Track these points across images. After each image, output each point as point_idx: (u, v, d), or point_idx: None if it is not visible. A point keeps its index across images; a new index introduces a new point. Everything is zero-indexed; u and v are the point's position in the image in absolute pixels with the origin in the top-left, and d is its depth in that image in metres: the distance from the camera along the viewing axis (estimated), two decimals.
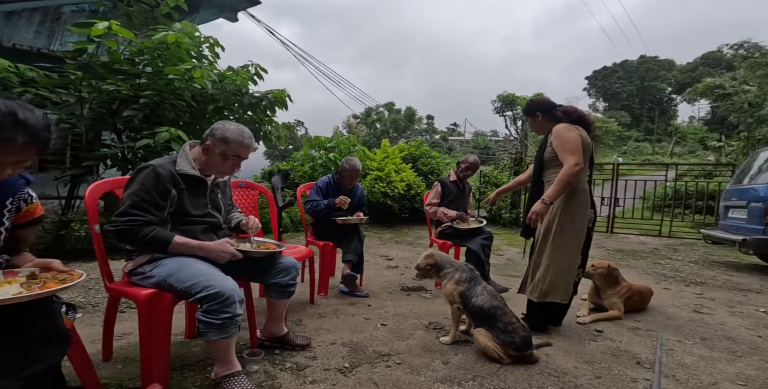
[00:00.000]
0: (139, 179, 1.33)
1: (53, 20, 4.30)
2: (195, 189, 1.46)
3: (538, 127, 2.09)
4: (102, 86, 2.86)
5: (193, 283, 1.26)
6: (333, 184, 2.76)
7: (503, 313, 1.73)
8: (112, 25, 2.74)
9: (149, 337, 1.30)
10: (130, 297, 1.36)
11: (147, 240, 1.30)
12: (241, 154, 1.46)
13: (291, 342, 1.74)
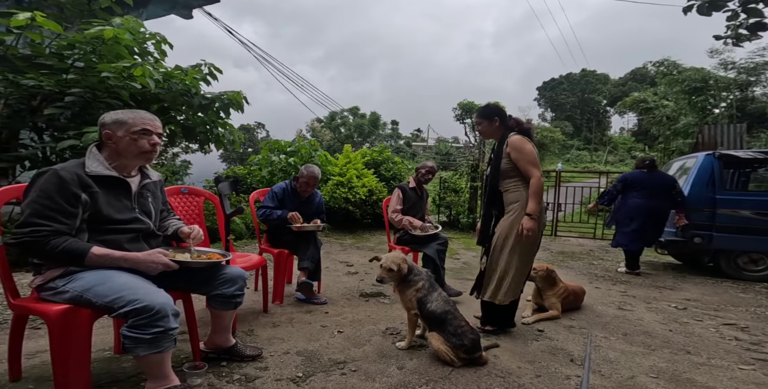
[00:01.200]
0: (38, 185, 1.19)
1: None
2: (115, 191, 1.33)
3: (490, 131, 2.11)
4: (21, 81, 2.54)
5: (116, 297, 1.16)
6: (290, 191, 2.69)
7: (454, 317, 1.79)
8: (36, 16, 2.46)
9: (63, 356, 1.17)
10: (39, 315, 1.23)
11: (57, 252, 1.17)
12: (147, 126, 1.35)
13: (240, 353, 1.66)
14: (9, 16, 2.44)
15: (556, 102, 43.60)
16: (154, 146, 1.37)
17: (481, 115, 2.12)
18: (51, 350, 1.18)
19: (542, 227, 2.06)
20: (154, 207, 1.49)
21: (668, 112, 12.72)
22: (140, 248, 1.36)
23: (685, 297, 3.21)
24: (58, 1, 3.14)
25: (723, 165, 3.94)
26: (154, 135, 1.37)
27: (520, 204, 1.97)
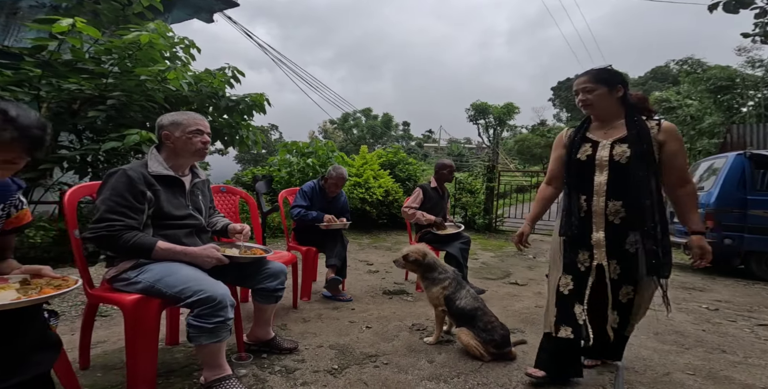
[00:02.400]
0: (111, 184, 1.32)
1: (9, 15, 4.02)
2: (172, 189, 1.46)
3: (606, 104, 1.44)
4: (63, 85, 2.73)
5: (183, 288, 1.26)
6: (318, 190, 2.80)
7: (484, 313, 1.85)
8: (77, 22, 2.63)
9: (135, 343, 1.28)
10: (114, 303, 1.34)
11: (129, 246, 1.28)
12: (199, 126, 1.47)
13: (278, 346, 1.76)
14: (51, 22, 2.62)
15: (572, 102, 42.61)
16: (205, 145, 1.50)
17: (598, 78, 1.44)
18: (125, 338, 1.29)
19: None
20: (203, 205, 1.61)
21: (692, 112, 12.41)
22: (195, 243, 1.47)
23: (715, 299, 3.18)
24: (95, 7, 3.34)
25: (754, 165, 3.88)
26: (204, 134, 1.49)
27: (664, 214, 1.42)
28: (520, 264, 4.48)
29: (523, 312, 2.63)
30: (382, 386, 1.52)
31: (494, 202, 7.41)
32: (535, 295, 3.10)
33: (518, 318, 2.48)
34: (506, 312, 2.57)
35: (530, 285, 3.47)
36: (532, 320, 2.45)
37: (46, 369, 0.93)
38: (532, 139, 23.48)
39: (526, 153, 23.19)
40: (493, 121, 23.80)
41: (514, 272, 4.03)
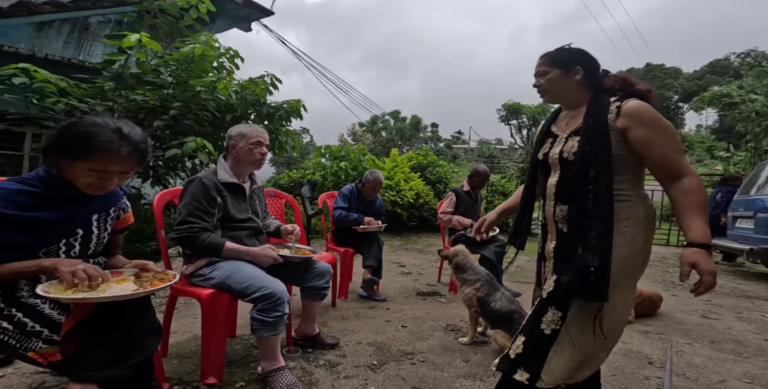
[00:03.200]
0: (190, 190, 1.52)
1: (81, 30, 4.55)
2: (236, 195, 1.65)
3: (562, 89, 1.21)
4: (131, 96, 3.08)
5: (249, 284, 1.43)
6: (356, 193, 2.96)
7: (521, 316, 1.89)
8: (142, 37, 2.96)
9: (209, 333, 1.46)
10: (194, 296, 1.52)
11: (204, 245, 1.48)
12: (260, 139, 1.66)
13: (322, 342, 1.90)
14: (121, 37, 2.98)
15: None
16: (263, 156, 1.69)
17: (553, 60, 1.21)
18: (203, 328, 1.47)
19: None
20: (260, 209, 1.81)
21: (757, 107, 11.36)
22: (254, 243, 1.66)
23: None
24: (153, 21, 3.72)
25: None
26: (264, 146, 1.68)
27: (636, 223, 1.09)
28: None
29: None
30: (420, 382, 1.61)
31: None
32: None
33: None
34: None
35: None
36: None
37: (152, 353, 1.09)
38: None
39: None
40: (526, 122, 23.09)
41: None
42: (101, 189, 1.06)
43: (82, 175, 1.01)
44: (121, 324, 1.02)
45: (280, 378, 1.45)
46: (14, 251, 0.96)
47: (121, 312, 1.02)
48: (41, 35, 4.24)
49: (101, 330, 0.99)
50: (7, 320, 0.94)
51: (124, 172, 1.07)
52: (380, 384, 1.57)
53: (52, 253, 1.05)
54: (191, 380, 1.50)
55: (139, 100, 3.08)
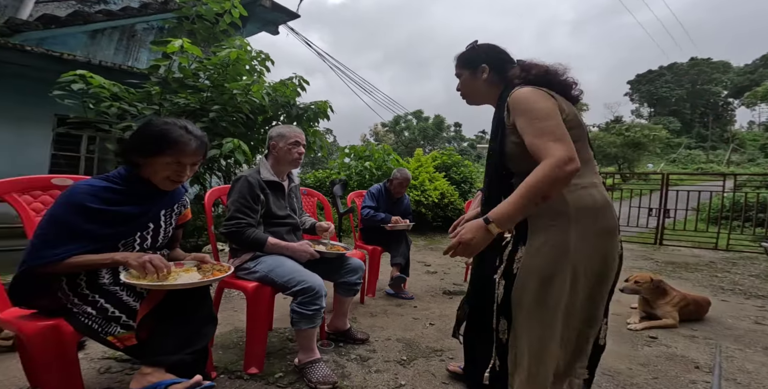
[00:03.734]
0: (237, 188, 1.63)
1: (129, 37, 4.90)
2: (277, 193, 1.75)
3: (474, 89, 1.20)
4: (174, 100, 3.30)
5: (290, 278, 1.51)
6: (384, 192, 3.02)
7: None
8: (184, 42, 3.16)
9: (254, 325, 1.54)
10: (240, 289, 1.61)
11: (249, 240, 1.57)
12: (298, 139, 1.75)
13: (353, 337, 1.96)
14: (165, 43, 3.20)
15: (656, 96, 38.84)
16: (300, 155, 1.78)
17: (461, 61, 1.21)
18: (247, 319, 1.55)
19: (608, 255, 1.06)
20: (297, 206, 1.90)
21: None
22: (292, 239, 1.75)
23: None
24: (192, 26, 3.96)
25: None
26: (301, 146, 1.77)
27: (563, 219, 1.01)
28: None
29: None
30: (449, 378, 1.62)
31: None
32: (613, 303, 2.97)
33: None
34: None
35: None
36: (612, 328, 2.39)
37: (209, 341, 1.19)
38: (605, 137, 21.54)
39: (598, 153, 21.30)
40: None
41: None
42: (177, 181, 1.19)
43: (161, 169, 1.14)
44: (185, 312, 1.12)
45: (317, 370, 1.51)
46: (100, 242, 1.08)
47: (186, 301, 1.12)
48: (95, 43, 4.60)
49: (169, 317, 1.09)
50: (92, 305, 1.05)
51: (194, 163, 1.19)
52: (410, 379, 1.60)
53: (129, 245, 1.16)
54: (235, 369, 1.57)
55: (182, 104, 3.29)
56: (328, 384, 1.46)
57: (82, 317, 1.04)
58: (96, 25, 4.36)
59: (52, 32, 4.04)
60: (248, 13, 4.29)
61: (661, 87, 38.83)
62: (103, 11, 4.51)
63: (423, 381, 1.59)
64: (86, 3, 5.06)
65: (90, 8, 4.97)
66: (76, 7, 4.89)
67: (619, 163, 20.95)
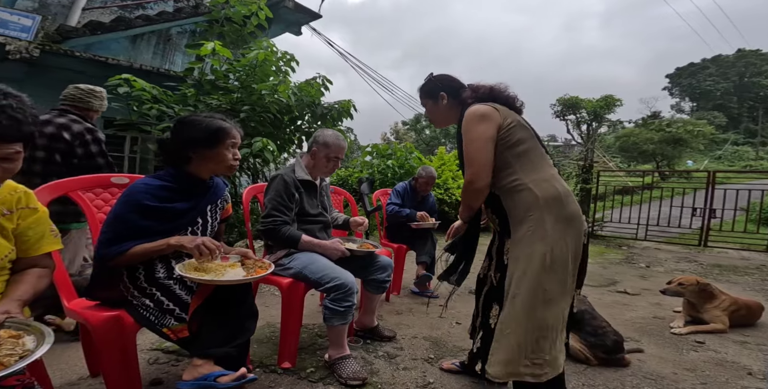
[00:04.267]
0: (273, 186, 1.69)
1: (165, 41, 5.18)
2: (310, 192, 1.80)
3: (439, 115, 1.46)
4: (208, 101, 3.46)
5: (323, 275, 1.55)
6: (409, 190, 3.03)
7: (593, 318, 1.83)
8: (216, 45, 3.31)
9: (288, 320, 1.60)
10: (275, 284, 1.66)
11: (285, 237, 1.63)
12: (339, 155, 1.78)
13: (380, 334, 1.98)
14: (198, 46, 3.35)
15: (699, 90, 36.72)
16: (333, 169, 1.83)
17: (422, 93, 1.49)
18: (282, 315, 1.60)
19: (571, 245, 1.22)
20: (328, 204, 1.95)
21: None
22: (324, 237, 1.80)
23: None
24: (221, 29, 4.13)
25: None
26: (339, 161, 1.83)
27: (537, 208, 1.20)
28: (629, 273, 4.13)
29: (636, 321, 2.50)
30: (478, 377, 1.60)
31: (590, 205, 6.80)
32: (652, 306, 2.87)
33: (631, 328, 2.37)
34: (614, 321, 2.44)
35: (644, 296, 3.20)
36: (649, 330, 2.32)
37: (251, 335, 1.24)
38: (641, 133, 20.49)
39: (632, 150, 20.28)
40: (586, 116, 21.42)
41: (621, 280, 3.75)
42: (235, 165, 1.30)
43: (224, 158, 1.25)
44: (231, 306, 1.18)
45: (347, 366, 1.54)
46: (159, 237, 1.16)
47: (231, 296, 1.18)
48: (135, 47, 4.89)
49: (217, 311, 1.15)
50: (149, 298, 1.13)
51: (235, 154, 1.30)
52: (439, 378, 1.61)
53: None
54: (269, 363, 1.63)
55: (214, 105, 3.44)
56: (358, 379, 1.49)
57: (140, 309, 1.12)
58: (136, 30, 4.63)
59: (98, 38, 4.32)
60: (273, 15, 4.43)
61: (704, 80, 36.74)
62: (142, 16, 4.77)
63: (452, 380, 1.59)
64: (126, 9, 5.37)
65: (130, 14, 5.28)
66: (118, 13, 5.21)
67: (657, 160, 19.86)
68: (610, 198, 7.68)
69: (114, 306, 1.15)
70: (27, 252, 0.93)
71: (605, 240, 6.38)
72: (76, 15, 4.65)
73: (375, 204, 3.05)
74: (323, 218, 1.85)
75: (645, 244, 6.12)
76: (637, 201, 7.01)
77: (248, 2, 4.05)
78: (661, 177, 15.07)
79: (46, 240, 0.97)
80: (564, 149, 29.54)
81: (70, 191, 1.33)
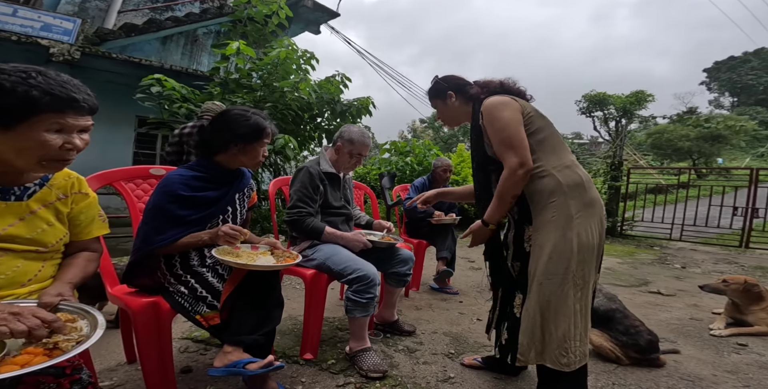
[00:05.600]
0: (299, 178, 1.72)
1: (192, 42, 5.41)
2: (334, 184, 1.82)
3: (451, 113, 1.48)
4: (233, 99, 3.57)
5: (345, 266, 1.56)
6: (428, 185, 3.01)
7: (624, 316, 1.76)
8: (240, 45, 3.40)
9: (310, 311, 1.62)
10: (299, 275, 1.69)
11: (309, 229, 1.65)
12: (362, 153, 1.80)
13: (400, 328, 1.98)
14: (224, 46, 3.46)
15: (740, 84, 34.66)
16: (355, 165, 1.86)
17: (430, 95, 1.51)
18: (305, 306, 1.63)
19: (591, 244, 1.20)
20: (350, 198, 1.97)
21: None
22: (346, 229, 1.81)
23: None
24: (244, 29, 4.25)
25: None
26: (361, 159, 1.85)
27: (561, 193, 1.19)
28: (663, 273, 3.97)
29: (672, 322, 2.41)
30: (501, 373, 1.58)
31: (620, 204, 6.55)
32: (689, 307, 2.75)
33: (666, 329, 2.28)
34: (647, 321, 2.34)
35: (680, 296, 3.07)
36: (686, 332, 2.22)
37: (278, 323, 1.28)
38: (676, 130, 19.47)
39: (666, 147, 19.29)
40: (614, 113, 20.56)
41: (654, 281, 3.62)
42: (262, 162, 1.35)
43: (257, 154, 1.31)
44: (259, 295, 1.21)
45: (368, 358, 1.55)
46: (194, 226, 1.23)
47: (260, 284, 1.21)
48: (165, 48, 5.13)
49: (246, 300, 1.18)
50: (184, 285, 1.18)
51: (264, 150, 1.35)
52: (459, 373, 1.59)
53: (215, 226, 1.28)
54: (292, 354, 1.66)
55: (239, 103, 3.55)
56: (378, 372, 1.49)
57: (176, 295, 1.17)
58: (166, 31, 4.84)
59: (132, 40, 4.55)
60: (292, 14, 4.52)
61: (746, 74, 34.65)
62: (172, 18, 4.98)
63: (473, 375, 1.57)
64: (157, 11, 5.61)
65: (160, 15, 5.52)
66: (149, 15, 5.46)
67: (694, 158, 18.83)
68: (641, 197, 7.36)
69: (151, 293, 1.21)
70: (78, 235, 0.98)
71: (635, 240, 6.13)
72: (112, 18, 4.89)
73: (395, 198, 3.06)
74: (346, 211, 1.86)
75: (680, 245, 5.86)
76: (671, 200, 6.71)
77: (269, 2, 4.15)
78: (697, 175, 14.28)
79: (96, 224, 1.01)
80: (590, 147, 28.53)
81: (114, 181, 1.41)
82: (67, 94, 0.75)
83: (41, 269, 0.88)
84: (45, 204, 0.89)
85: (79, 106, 0.77)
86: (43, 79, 0.73)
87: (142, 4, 5.56)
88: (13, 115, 0.71)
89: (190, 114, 3.42)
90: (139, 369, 1.35)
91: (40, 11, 3.91)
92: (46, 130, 0.74)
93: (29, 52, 3.88)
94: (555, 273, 1.15)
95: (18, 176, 0.85)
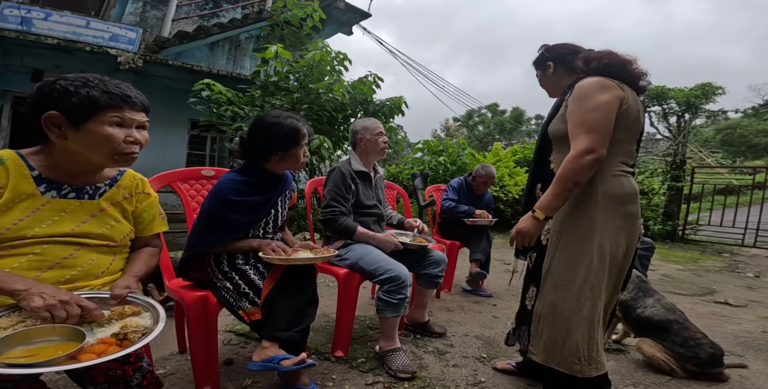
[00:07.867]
0: (332, 178, 1.76)
1: (236, 47, 5.71)
2: (364, 183, 1.84)
3: (548, 84, 1.40)
4: (272, 101, 3.72)
5: (378, 266, 1.58)
6: (465, 186, 2.97)
7: (683, 328, 1.66)
8: (278, 48, 3.52)
9: (342, 310, 1.66)
10: (332, 274, 1.73)
11: (342, 228, 1.68)
12: (381, 129, 1.84)
13: (430, 330, 1.97)
14: (264, 50, 3.60)
15: None
16: (385, 143, 1.86)
17: (534, 63, 1.45)
18: (338, 304, 1.66)
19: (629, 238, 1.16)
20: (382, 197, 1.98)
21: None
22: (378, 229, 1.83)
23: None
24: (281, 32, 4.39)
25: None
26: (384, 135, 1.86)
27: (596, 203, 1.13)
28: (732, 283, 3.65)
29: (740, 335, 2.23)
30: (534, 380, 1.52)
31: (682, 206, 6.02)
32: (762, 319, 2.54)
33: (733, 342, 2.12)
34: (711, 333, 2.17)
35: (752, 308, 2.83)
36: (756, 345, 2.06)
37: (312, 321, 1.32)
38: (751, 125, 17.53)
39: (739, 143, 17.41)
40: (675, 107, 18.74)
41: (721, 290, 3.34)
42: (305, 162, 1.40)
43: (298, 158, 1.36)
44: (296, 293, 1.27)
45: (397, 358, 1.56)
46: (243, 229, 1.31)
47: (297, 282, 1.27)
48: (212, 54, 5.45)
49: (284, 297, 1.24)
50: (230, 281, 1.26)
51: (305, 153, 1.41)
52: (491, 377, 1.56)
53: (260, 229, 1.37)
54: (324, 351, 1.70)
55: (277, 105, 3.69)
56: (407, 373, 1.50)
57: (222, 291, 1.26)
58: (213, 37, 5.13)
59: (185, 47, 4.87)
60: (326, 16, 4.59)
61: None
62: (218, 24, 5.26)
63: (505, 380, 1.54)
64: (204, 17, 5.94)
65: (207, 22, 5.84)
66: (198, 22, 5.80)
67: None
68: (708, 198, 6.70)
69: (202, 287, 1.31)
70: (142, 232, 1.07)
71: (700, 245, 5.66)
72: (167, 26, 5.25)
73: (428, 199, 3.03)
74: (377, 210, 1.88)
75: (754, 251, 5.32)
76: (744, 202, 6.07)
77: (304, 5, 4.25)
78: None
79: (157, 222, 1.10)
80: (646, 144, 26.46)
81: (171, 181, 1.54)
82: (121, 92, 0.86)
83: (112, 262, 0.97)
84: (113, 203, 0.98)
85: (132, 101, 0.88)
86: (100, 82, 0.85)
87: (192, 12, 5.91)
88: (81, 113, 0.82)
89: (235, 116, 3.60)
90: (188, 359, 1.43)
91: (109, 22, 4.27)
92: (109, 124, 0.85)
93: (100, 62, 4.26)
94: (572, 280, 1.13)
95: (92, 176, 0.95)
